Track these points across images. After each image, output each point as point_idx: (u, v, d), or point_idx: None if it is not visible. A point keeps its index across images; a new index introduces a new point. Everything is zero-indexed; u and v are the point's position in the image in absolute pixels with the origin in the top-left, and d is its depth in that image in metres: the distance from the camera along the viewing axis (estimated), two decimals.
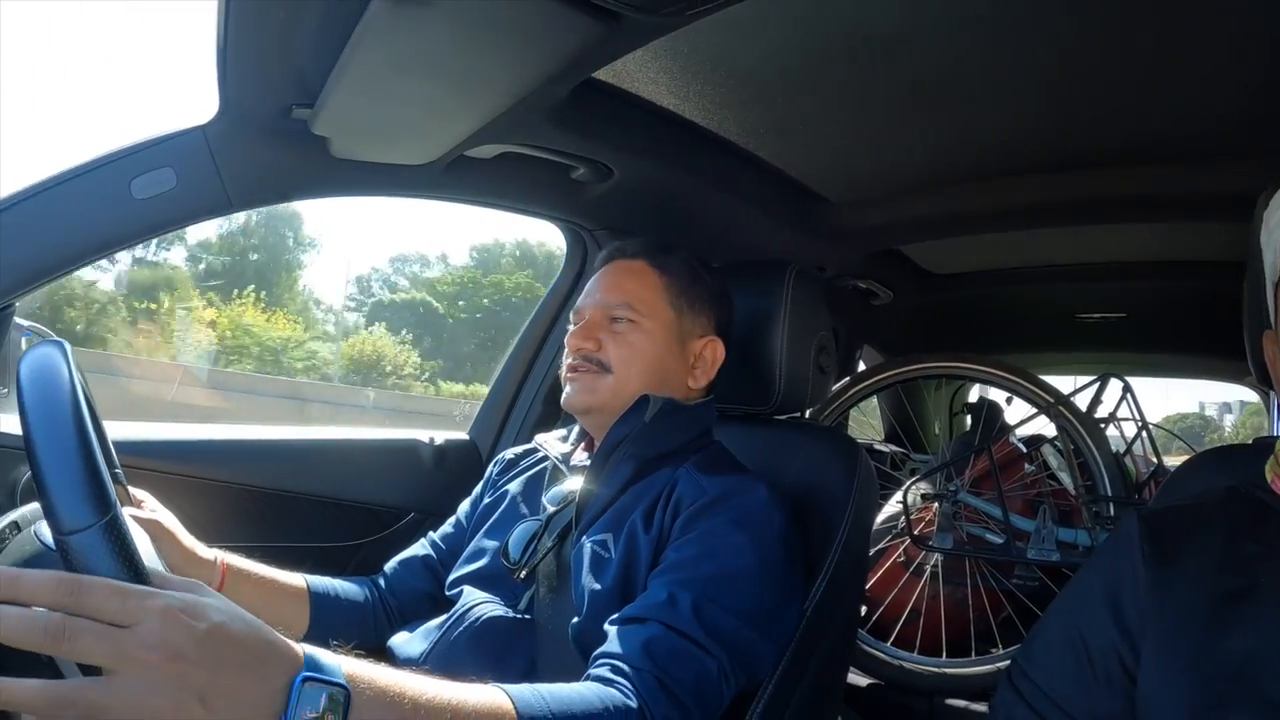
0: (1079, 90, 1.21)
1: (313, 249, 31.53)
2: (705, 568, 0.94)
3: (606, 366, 1.14)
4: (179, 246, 26.49)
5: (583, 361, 1.15)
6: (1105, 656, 0.73)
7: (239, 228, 28.62)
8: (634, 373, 1.14)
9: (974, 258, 2.15)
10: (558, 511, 1.11)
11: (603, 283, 1.20)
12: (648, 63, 1.17)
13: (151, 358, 17.98)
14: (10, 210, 1.06)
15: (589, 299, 1.20)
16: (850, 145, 1.48)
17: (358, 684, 0.62)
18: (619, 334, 1.15)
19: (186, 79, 53.88)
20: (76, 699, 0.52)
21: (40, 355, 0.69)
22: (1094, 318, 2.49)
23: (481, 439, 1.77)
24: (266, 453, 1.48)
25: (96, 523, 0.60)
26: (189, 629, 0.55)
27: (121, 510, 0.63)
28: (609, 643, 0.89)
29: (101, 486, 0.62)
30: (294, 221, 30.62)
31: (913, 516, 1.95)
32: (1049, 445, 2.11)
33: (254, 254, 28.98)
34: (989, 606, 1.96)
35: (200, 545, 1.08)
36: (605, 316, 1.16)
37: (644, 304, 1.16)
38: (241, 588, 1.10)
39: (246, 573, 1.12)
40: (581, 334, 1.16)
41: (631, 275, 1.19)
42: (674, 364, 1.18)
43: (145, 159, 1.12)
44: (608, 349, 1.14)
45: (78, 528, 0.60)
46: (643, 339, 1.15)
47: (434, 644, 1.04)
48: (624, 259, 1.22)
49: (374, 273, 35.83)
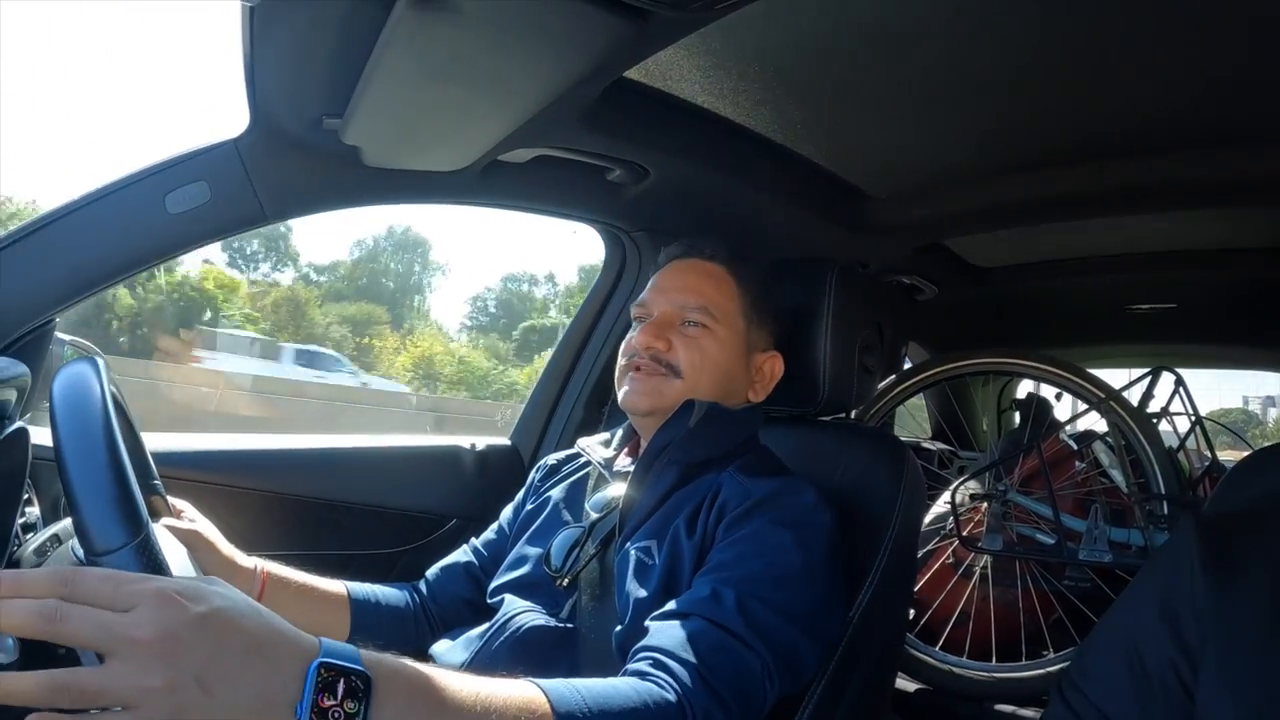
0: (1127, 73, 1.16)
1: (440, 273, 32.92)
2: (750, 566, 0.92)
3: (676, 370, 1.10)
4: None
5: (650, 362, 1.10)
6: (1161, 672, 0.68)
7: (367, 253, 30.52)
8: (704, 380, 1.10)
9: (1020, 250, 2.10)
10: (601, 518, 1.09)
11: (676, 280, 1.16)
12: (680, 61, 1.15)
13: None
14: (48, 228, 1.09)
15: (659, 295, 1.15)
16: (890, 138, 1.44)
17: (380, 672, 0.60)
18: (691, 337, 1.11)
19: (219, 92, 54.92)
20: (71, 684, 0.51)
21: (71, 375, 0.69)
22: (1143, 309, 2.43)
23: (523, 444, 1.76)
24: (308, 462, 1.49)
25: (128, 544, 0.60)
26: (183, 609, 0.53)
27: (154, 531, 0.63)
28: (649, 636, 0.87)
29: (133, 508, 0.62)
30: (420, 247, 32.00)
31: (961, 517, 1.91)
32: (1100, 442, 2.06)
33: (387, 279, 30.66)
34: (1040, 609, 1.91)
35: (239, 553, 1.09)
36: (678, 316, 1.13)
37: (720, 310, 1.13)
38: (281, 595, 1.11)
39: (286, 580, 1.12)
40: (652, 332, 1.11)
41: (709, 278, 1.15)
42: (739, 375, 1.15)
43: (179, 174, 1.13)
44: (678, 351, 1.10)
45: (109, 549, 0.60)
46: (715, 346, 1.11)
47: (475, 653, 1.03)
48: (700, 258, 1.18)
49: (487, 292, 37.21)
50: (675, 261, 1.19)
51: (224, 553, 1.06)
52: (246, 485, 1.38)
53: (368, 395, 17.30)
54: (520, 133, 1.13)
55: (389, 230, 36.83)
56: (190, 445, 1.36)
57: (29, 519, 0.98)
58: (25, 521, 0.97)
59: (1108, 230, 1.86)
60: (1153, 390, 1.89)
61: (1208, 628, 0.67)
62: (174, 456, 1.30)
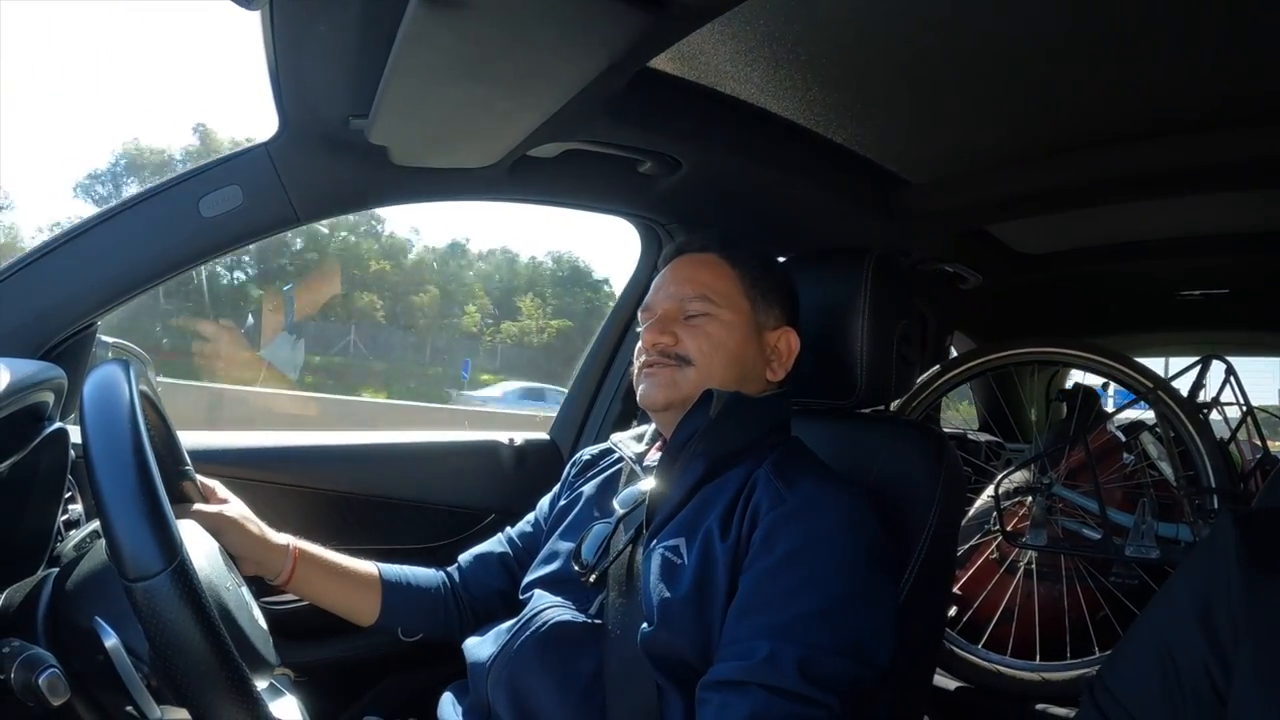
0: (1177, 46, 1.10)
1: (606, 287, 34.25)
2: (798, 605, 0.89)
3: (687, 359, 1.10)
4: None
5: (660, 357, 1.11)
6: (1194, 673, 0.66)
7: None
8: (716, 364, 1.10)
9: (1067, 235, 2.04)
10: (628, 513, 1.08)
11: (673, 276, 1.16)
12: (708, 49, 1.13)
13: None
14: (88, 234, 1.11)
15: (659, 294, 1.16)
16: (927, 123, 1.40)
17: None
18: (696, 326, 1.11)
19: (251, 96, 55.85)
20: None
21: (99, 381, 0.70)
22: (1195, 295, 2.35)
23: (562, 439, 1.77)
24: (349, 457, 1.51)
25: (163, 570, 0.61)
26: None
27: (189, 554, 0.64)
28: (711, 713, 0.86)
29: (165, 532, 0.63)
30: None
31: (1005, 511, 1.87)
32: (1148, 433, 2.00)
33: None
34: (1085, 606, 1.87)
35: (270, 531, 1.12)
36: (679, 310, 1.13)
37: (720, 294, 1.12)
38: (313, 573, 1.14)
39: (317, 558, 1.15)
40: (656, 329, 1.12)
41: (703, 267, 1.15)
42: (753, 356, 1.14)
43: (212, 178, 1.15)
44: (685, 342, 1.10)
45: (143, 575, 0.61)
46: (721, 330, 1.11)
47: (501, 647, 1.03)
48: (692, 252, 1.18)
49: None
50: (671, 262, 1.20)
51: (254, 531, 1.09)
52: (288, 481, 1.40)
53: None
54: (547, 127, 1.12)
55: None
56: (233, 442, 1.38)
57: (72, 515, 1.01)
58: (68, 519, 0.99)
59: (1158, 213, 1.80)
60: (1203, 379, 1.83)
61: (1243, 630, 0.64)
62: (218, 453, 1.33)
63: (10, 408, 0.79)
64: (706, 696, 0.87)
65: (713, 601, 0.94)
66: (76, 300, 1.11)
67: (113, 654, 0.70)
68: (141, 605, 0.62)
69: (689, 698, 0.90)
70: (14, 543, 0.86)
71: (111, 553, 0.63)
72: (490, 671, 1.02)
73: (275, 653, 0.90)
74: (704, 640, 0.93)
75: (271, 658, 0.88)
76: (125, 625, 0.71)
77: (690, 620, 0.94)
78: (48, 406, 0.92)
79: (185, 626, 0.62)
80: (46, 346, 1.10)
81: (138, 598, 0.62)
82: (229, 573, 0.89)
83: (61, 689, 0.66)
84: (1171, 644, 0.68)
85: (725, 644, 0.90)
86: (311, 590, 1.16)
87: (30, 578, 0.82)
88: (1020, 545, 1.87)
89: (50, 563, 0.89)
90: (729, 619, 0.92)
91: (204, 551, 0.85)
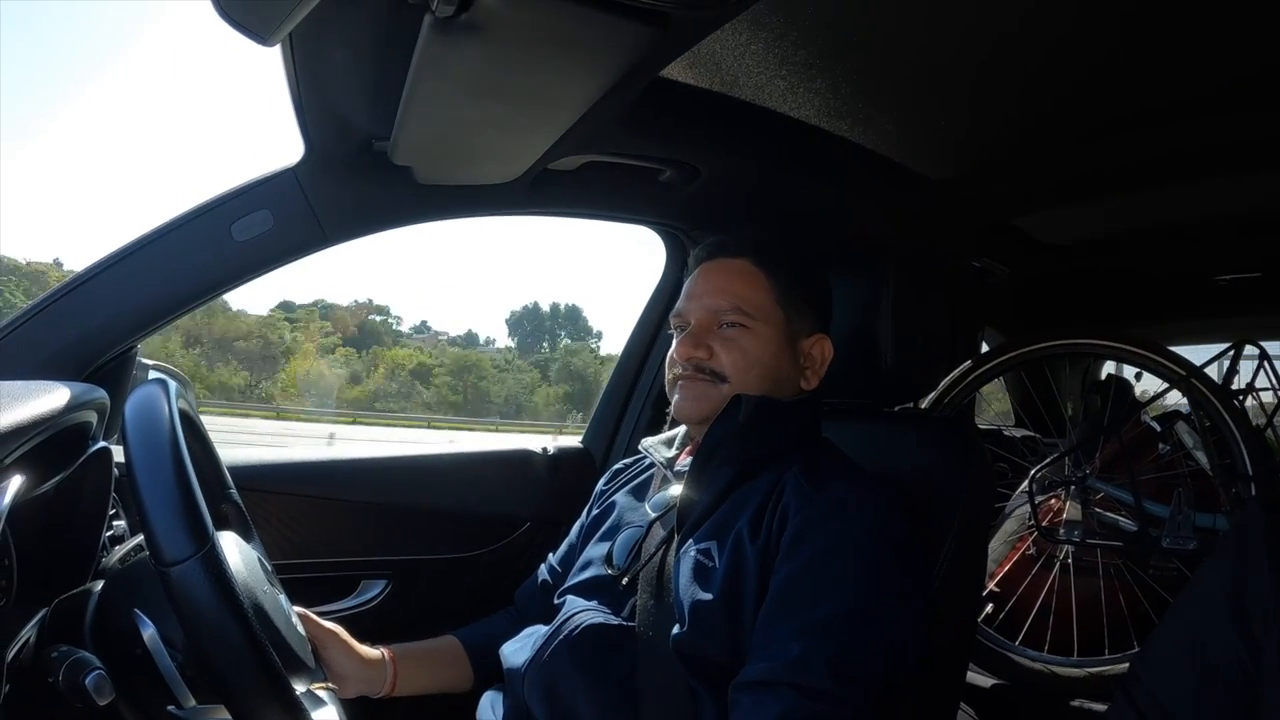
0: (1196, 25, 1.08)
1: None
2: (829, 605, 0.89)
3: (721, 375, 1.09)
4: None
5: (694, 371, 1.10)
6: (1226, 665, 0.66)
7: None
8: (751, 379, 1.09)
9: (1092, 224, 2.00)
10: (659, 517, 1.09)
11: (705, 285, 1.15)
12: (718, 55, 1.13)
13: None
14: (125, 260, 1.15)
15: (692, 302, 1.15)
16: (945, 117, 1.39)
17: None
18: (730, 339, 1.10)
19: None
20: None
21: (140, 396, 0.73)
22: (1226, 279, 2.30)
23: (595, 446, 1.78)
24: (385, 471, 1.53)
25: (194, 555, 0.63)
26: None
27: (219, 542, 0.66)
28: (743, 713, 0.87)
29: (197, 520, 0.66)
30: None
31: (1041, 506, 1.85)
32: (1183, 422, 1.97)
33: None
34: (1123, 600, 1.84)
35: (367, 648, 1.13)
36: (713, 320, 1.12)
37: (754, 306, 1.11)
38: (412, 672, 1.16)
39: (410, 654, 1.18)
40: (691, 342, 1.11)
41: (737, 276, 1.14)
42: (787, 367, 1.13)
43: (243, 203, 1.19)
44: (720, 356, 1.10)
45: (176, 560, 0.64)
46: (756, 343, 1.10)
47: (536, 651, 1.04)
48: (725, 257, 1.16)
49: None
50: (703, 265, 1.18)
51: (358, 651, 1.11)
52: (332, 495, 1.43)
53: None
54: (565, 142, 1.13)
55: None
56: (277, 459, 1.42)
57: (116, 531, 1.05)
58: (113, 534, 1.03)
59: (1185, 197, 1.76)
60: (1236, 366, 1.80)
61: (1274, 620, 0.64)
62: (261, 470, 1.37)
63: (57, 427, 0.82)
64: (738, 698, 0.88)
65: (743, 603, 0.95)
66: (117, 323, 1.15)
67: (149, 643, 0.74)
68: (175, 590, 0.64)
69: (721, 699, 0.91)
70: (62, 557, 0.90)
71: (147, 540, 0.66)
72: (526, 676, 1.03)
73: (315, 661, 0.92)
74: (735, 642, 0.93)
75: (309, 661, 0.90)
76: (163, 618, 0.74)
77: (721, 622, 0.94)
78: (92, 426, 0.95)
79: (216, 609, 0.64)
80: (90, 369, 1.14)
81: (171, 582, 0.64)
82: (266, 579, 0.92)
83: (107, 690, 0.70)
84: (1203, 636, 0.68)
85: (756, 645, 0.91)
86: (413, 687, 1.17)
87: (77, 589, 0.85)
88: (1055, 540, 1.85)
89: (96, 576, 0.92)
90: (760, 620, 0.92)
91: (242, 557, 0.87)
